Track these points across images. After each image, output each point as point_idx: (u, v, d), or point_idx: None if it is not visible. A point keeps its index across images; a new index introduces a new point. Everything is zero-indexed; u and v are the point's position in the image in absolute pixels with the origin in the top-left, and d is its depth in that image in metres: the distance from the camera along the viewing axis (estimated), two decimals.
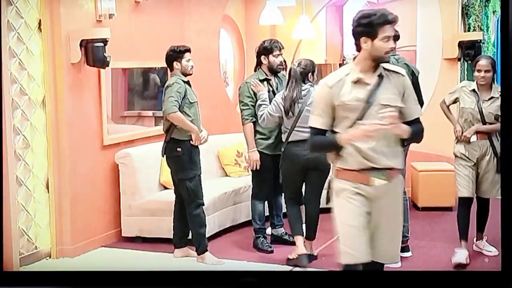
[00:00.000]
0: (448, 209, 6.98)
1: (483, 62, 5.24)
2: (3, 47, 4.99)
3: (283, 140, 5.30)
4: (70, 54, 5.53)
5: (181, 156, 5.32)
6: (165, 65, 5.48)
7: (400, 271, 5.05)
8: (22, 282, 4.85)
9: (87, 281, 4.69)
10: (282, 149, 5.30)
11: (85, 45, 5.54)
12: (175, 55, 5.35)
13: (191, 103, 5.33)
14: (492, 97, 5.25)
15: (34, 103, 5.43)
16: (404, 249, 5.45)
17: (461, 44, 7.17)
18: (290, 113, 5.18)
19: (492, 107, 5.25)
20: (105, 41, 5.57)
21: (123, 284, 4.64)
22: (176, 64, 5.35)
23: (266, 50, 5.65)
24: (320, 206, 5.33)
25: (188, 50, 5.39)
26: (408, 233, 5.49)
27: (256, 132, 5.66)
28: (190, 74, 5.40)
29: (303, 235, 5.33)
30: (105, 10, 5.77)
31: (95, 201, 5.92)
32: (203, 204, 5.45)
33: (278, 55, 5.64)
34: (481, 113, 5.24)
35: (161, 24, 6.66)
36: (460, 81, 7.70)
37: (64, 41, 5.50)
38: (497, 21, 9.41)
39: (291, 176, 5.31)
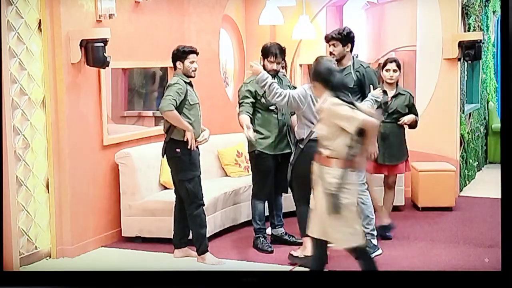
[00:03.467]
0: (448, 209, 6.98)
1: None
2: (3, 47, 4.99)
3: (304, 136, 5.09)
4: (70, 54, 5.53)
5: (181, 157, 5.30)
6: (165, 65, 5.47)
7: (400, 271, 5.05)
8: (22, 282, 4.85)
9: (87, 281, 4.69)
10: (302, 145, 5.10)
11: (85, 45, 5.53)
12: (179, 54, 5.33)
13: (191, 104, 5.31)
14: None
15: (34, 103, 5.43)
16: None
17: (461, 44, 7.16)
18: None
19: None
20: (105, 41, 5.56)
21: (123, 284, 4.64)
22: (179, 64, 5.34)
23: (262, 54, 5.65)
24: None
25: (193, 52, 5.34)
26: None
27: (255, 131, 5.65)
28: (192, 77, 5.37)
29: None
30: (105, 10, 5.77)
31: (95, 201, 5.91)
32: (204, 205, 5.44)
33: (273, 62, 5.55)
34: None
35: (161, 24, 6.66)
36: (460, 81, 7.69)
37: (64, 41, 5.50)
38: (497, 21, 9.44)
39: (307, 175, 4.84)
